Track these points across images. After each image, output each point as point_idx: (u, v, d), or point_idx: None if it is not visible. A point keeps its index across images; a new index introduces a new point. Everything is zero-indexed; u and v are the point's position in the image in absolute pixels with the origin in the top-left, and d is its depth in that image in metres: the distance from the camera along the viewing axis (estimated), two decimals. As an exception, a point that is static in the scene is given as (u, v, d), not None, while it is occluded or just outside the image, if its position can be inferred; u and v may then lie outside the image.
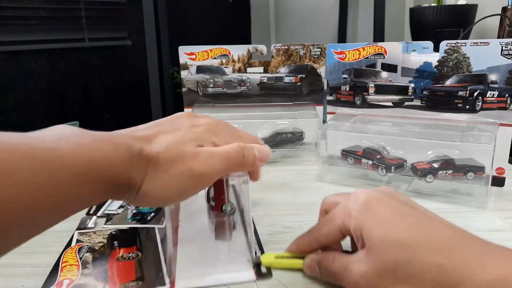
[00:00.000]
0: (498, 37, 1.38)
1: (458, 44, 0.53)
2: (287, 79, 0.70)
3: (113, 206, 0.49)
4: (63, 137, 0.26)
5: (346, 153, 0.57)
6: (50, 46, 1.96)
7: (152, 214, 0.46)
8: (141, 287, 0.33)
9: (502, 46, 0.50)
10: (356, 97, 0.62)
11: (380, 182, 0.53)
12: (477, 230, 0.42)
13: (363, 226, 0.29)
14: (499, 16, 1.35)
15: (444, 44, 0.54)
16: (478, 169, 0.49)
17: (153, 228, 0.43)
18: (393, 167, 0.52)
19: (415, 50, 0.57)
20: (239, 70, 0.70)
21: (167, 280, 0.34)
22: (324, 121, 0.65)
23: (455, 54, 0.53)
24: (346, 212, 0.31)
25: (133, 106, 2.27)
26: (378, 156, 0.54)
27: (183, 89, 0.71)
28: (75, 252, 0.39)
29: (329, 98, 0.64)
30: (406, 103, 0.58)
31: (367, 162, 0.54)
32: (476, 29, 1.61)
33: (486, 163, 0.48)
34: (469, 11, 1.62)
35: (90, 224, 0.45)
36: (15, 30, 1.85)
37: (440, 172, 0.50)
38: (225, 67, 0.70)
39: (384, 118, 0.59)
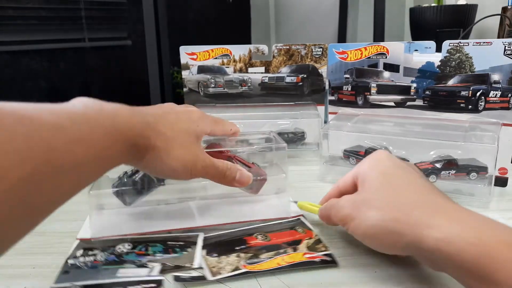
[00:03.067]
0: (498, 37, 1.38)
1: (460, 44, 0.53)
2: (288, 79, 0.70)
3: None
4: (88, 104, 0.30)
5: (348, 153, 0.56)
6: (50, 46, 1.96)
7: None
8: None
9: (505, 46, 0.50)
10: (358, 97, 0.62)
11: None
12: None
13: (366, 172, 0.36)
14: (499, 16, 1.35)
15: (446, 44, 0.54)
16: (481, 169, 0.49)
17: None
18: (395, 167, 0.52)
19: (417, 50, 0.56)
20: (240, 70, 0.70)
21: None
22: (326, 121, 0.65)
23: (458, 54, 0.53)
24: (359, 166, 0.38)
25: (133, 106, 2.27)
26: (380, 156, 0.54)
27: (184, 89, 0.71)
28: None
29: (330, 98, 0.64)
30: (408, 103, 0.58)
31: (369, 162, 0.54)
32: (476, 29, 1.61)
33: (489, 163, 0.48)
34: (469, 11, 1.62)
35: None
36: (15, 30, 1.84)
37: (442, 172, 0.50)
38: (226, 67, 0.70)
39: (386, 118, 0.59)
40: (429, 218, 0.30)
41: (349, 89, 0.62)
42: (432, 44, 0.55)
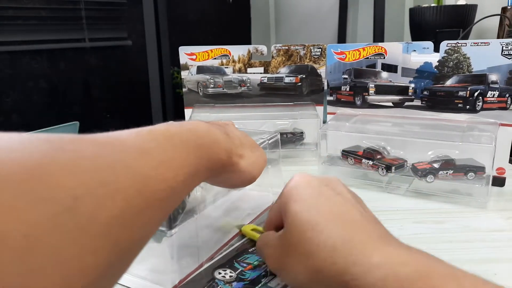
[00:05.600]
0: (498, 37, 1.38)
1: (458, 44, 0.53)
2: (287, 79, 0.70)
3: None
4: (171, 124, 0.28)
5: (347, 153, 0.57)
6: (50, 46, 1.96)
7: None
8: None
9: (502, 46, 0.50)
10: (356, 98, 0.62)
11: (381, 182, 0.53)
12: (477, 230, 0.42)
13: (286, 203, 0.31)
14: (499, 16, 1.35)
15: (444, 44, 0.54)
16: (478, 169, 0.49)
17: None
18: (393, 167, 0.52)
19: (415, 50, 0.57)
20: (240, 71, 0.70)
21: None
22: (324, 122, 0.66)
23: (456, 54, 0.53)
24: (281, 195, 0.33)
25: (133, 106, 2.27)
26: (378, 156, 0.54)
27: (184, 90, 0.71)
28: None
29: (329, 98, 0.64)
30: (407, 103, 0.58)
31: (368, 162, 0.54)
32: (476, 29, 1.61)
33: (486, 163, 0.48)
34: (469, 11, 1.62)
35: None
36: (15, 30, 1.84)
37: (440, 172, 0.50)
38: (225, 68, 0.70)
39: (384, 118, 0.59)
40: (355, 265, 0.25)
41: (348, 89, 0.62)
42: (430, 44, 0.56)
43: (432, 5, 1.67)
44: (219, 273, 0.35)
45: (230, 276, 0.35)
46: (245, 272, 0.35)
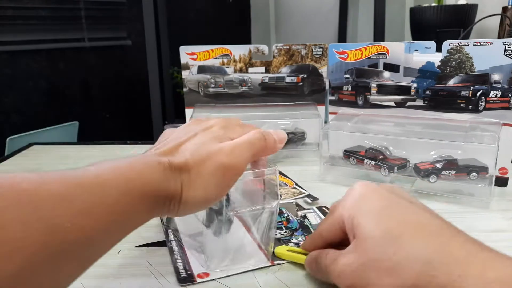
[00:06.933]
0: (498, 37, 1.38)
1: (461, 44, 0.53)
2: (288, 79, 0.70)
3: None
4: (101, 165, 0.26)
5: (349, 153, 0.56)
6: (50, 46, 1.96)
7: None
8: None
9: (505, 46, 0.50)
10: (358, 97, 0.62)
11: (383, 182, 0.53)
12: (480, 231, 0.42)
13: (355, 216, 0.29)
14: (499, 16, 1.34)
15: (446, 44, 0.54)
16: (481, 169, 0.49)
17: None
18: (396, 168, 0.52)
19: (417, 50, 0.56)
20: (241, 70, 0.70)
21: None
22: (326, 121, 0.65)
23: (458, 54, 0.53)
24: (343, 206, 0.31)
25: (133, 106, 2.27)
26: (380, 156, 0.54)
27: (184, 89, 0.71)
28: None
29: (331, 98, 0.64)
30: (409, 103, 0.58)
31: (370, 162, 0.54)
32: (476, 29, 1.60)
33: (489, 163, 0.48)
34: (469, 11, 1.62)
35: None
36: (15, 30, 1.84)
37: (443, 172, 0.50)
38: (226, 67, 0.70)
39: (386, 118, 0.59)
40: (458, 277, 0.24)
41: (349, 89, 0.62)
42: (432, 44, 0.55)
43: (433, 4, 1.67)
44: None
45: None
46: None
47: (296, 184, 0.54)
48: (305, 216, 0.46)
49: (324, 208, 0.48)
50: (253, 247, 0.38)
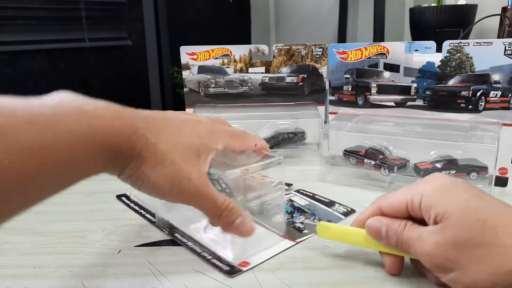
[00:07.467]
0: (498, 37, 1.38)
1: (461, 44, 0.53)
2: (288, 79, 0.70)
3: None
4: (64, 103, 0.25)
5: (349, 153, 0.56)
6: (50, 46, 1.96)
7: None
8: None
9: (505, 46, 0.50)
10: (358, 97, 0.62)
11: (383, 182, 0.53)
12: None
13: (439, 204, 0.30)
14: (499, 16, 1.35)
15: (447, 44, 0.54)
16: (481, 169, 0.49)
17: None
18: (395, 167, 0.52)
19: (417, 50, 0.56)
20: (241, 70, 0.70)
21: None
22: (326, 121, 0.65)
23: (458, 54, 0.53)
24: (417, 191, 0.32)
25: (133, 106, 2.26)
26: (380, 156, 0.54)
27: (185, 89, 0.71)
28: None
29: (331, 98, 0.64)
30: (409, 103, 0.58)
31: (370, 162, 0.54)
32: (476, 29, 1.61)
33: (489, 163, 0.48)
34: (469, 11, 1.62)
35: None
36: (15, 30, 1.84)
37: (443, 172, 0.50)
38: (226, 67, 0.70)
39: (386, 118, 0.59)
40: None
41: (350, 89, 0.62)
42: (432, 44, 0.56)
43: (432, 5, 1.67)
44: None
45: None
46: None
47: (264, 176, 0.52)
48: (291, 200, 0.50)
49: (302, 190, 0.52)
50: (269, 233, 0.41)
